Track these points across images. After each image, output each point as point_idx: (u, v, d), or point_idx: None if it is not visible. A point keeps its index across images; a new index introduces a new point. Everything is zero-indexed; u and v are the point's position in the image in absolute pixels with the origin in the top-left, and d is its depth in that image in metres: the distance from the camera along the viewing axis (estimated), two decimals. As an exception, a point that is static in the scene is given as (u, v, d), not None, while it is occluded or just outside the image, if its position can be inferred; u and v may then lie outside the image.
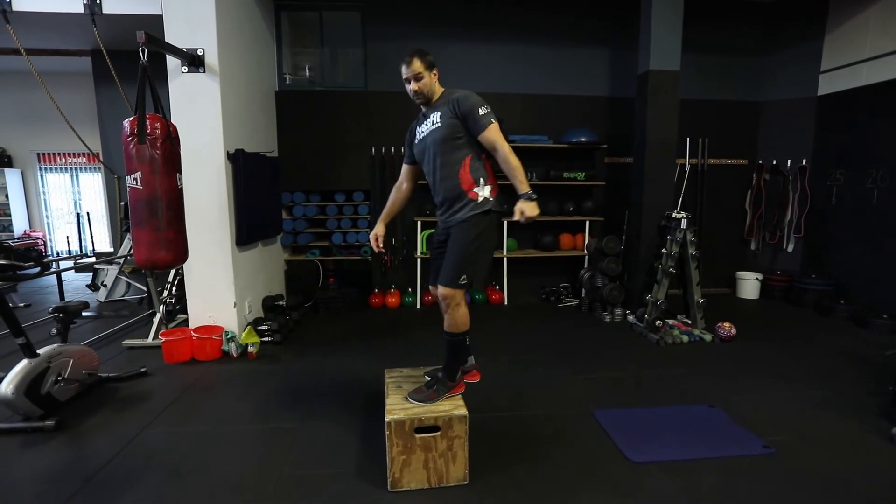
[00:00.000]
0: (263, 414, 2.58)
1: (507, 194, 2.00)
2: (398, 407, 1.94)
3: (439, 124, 2.00)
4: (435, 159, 2.03)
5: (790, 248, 5.13)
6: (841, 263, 4.71)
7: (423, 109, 2.11)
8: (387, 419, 1.86)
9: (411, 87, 2.02)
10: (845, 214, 4.65)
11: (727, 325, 3.72)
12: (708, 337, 3.72)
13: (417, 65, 1.98)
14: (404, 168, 2.30)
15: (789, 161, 5.05)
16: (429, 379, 2.14)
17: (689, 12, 4.17)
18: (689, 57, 4.50)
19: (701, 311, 3.91)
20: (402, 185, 2.31)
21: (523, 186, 1.91)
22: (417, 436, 1.88)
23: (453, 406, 1.96)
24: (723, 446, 2.23)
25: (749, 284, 5.10)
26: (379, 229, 2.27)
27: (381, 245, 2.27)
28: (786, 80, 5.08)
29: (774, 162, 5.13)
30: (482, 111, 1.95)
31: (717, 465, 2.08)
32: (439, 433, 1.89)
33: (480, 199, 1.98)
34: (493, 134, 1.95)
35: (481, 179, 2.00)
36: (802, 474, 2.01)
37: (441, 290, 1.98)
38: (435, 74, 2.04)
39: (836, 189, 4.73)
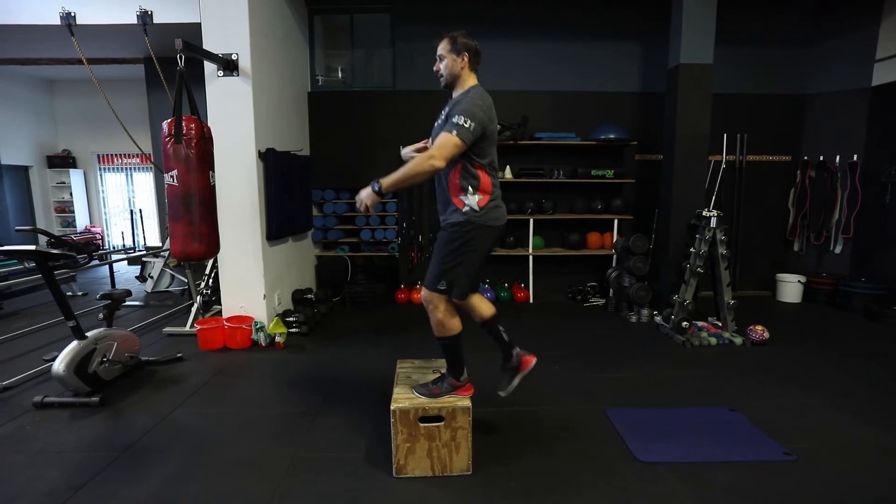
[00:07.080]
0: (285, 399, 2.72)
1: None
2: (404, 396, 2.01)
3: (441, 119, 1.96)
4: None
5: (837, 250, 4.81)
6: (894, 265, 4.38)
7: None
8: (392, 407, 1.93)
9: (435, 66, 1.98)
10: (901, 213, 4.33)
11: (759, 328, 3.55)
12: (738, 340, 3.57)
13: (442, 45, 1.94)
14: None
15: (838, 157, 4.74)
16: (437, 375, 2.19)
17: (725, 2, 3.99)
18: (726, 49, 4.32)
19: (731, 313, 3.75)
20: None
21: (385, 179, 1.84)
22: (422, 425, 1.94)
23: (457, 397, 2.00)
24: (739, 450, 2.15)
25: (790, 287, 4.83)
26: None
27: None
28: (835, 71, 4.78)
29: (821, 158, 4.83)
30: (458, 119, 1.80)
31: (731, 468, 2.02)
32: (443, 423, 1.94)
33: (465, 208, 1.92)
34: (441, 139, 1.81)
35: (470, 188, 1.91)
36: (823, 483, 1.92)
37: (423, 293, 2.02)
38: (464, 59, 1.92)
39: (891, 186, 4.40)
